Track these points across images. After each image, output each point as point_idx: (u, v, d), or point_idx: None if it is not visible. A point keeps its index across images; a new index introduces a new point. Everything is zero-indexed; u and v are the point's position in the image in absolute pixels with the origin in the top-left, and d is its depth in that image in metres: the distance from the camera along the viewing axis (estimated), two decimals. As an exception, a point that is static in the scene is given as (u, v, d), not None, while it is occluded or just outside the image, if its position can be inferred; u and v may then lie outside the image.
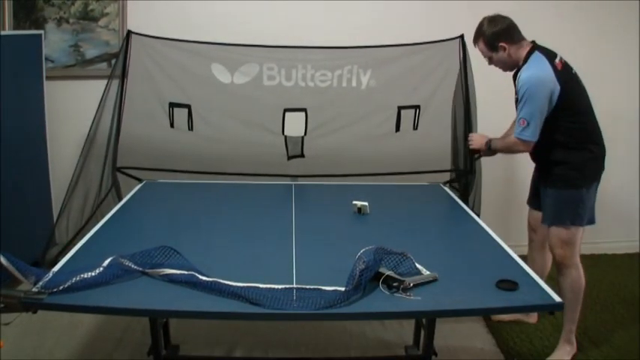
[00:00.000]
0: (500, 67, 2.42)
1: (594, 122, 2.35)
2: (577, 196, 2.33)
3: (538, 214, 2.57)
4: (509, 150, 2.45)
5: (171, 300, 1.52)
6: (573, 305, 2.41)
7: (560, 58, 2.30)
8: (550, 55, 2.29)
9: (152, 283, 1.61)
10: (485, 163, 2.88)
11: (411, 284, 1.59)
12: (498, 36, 2.31)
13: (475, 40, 2.41)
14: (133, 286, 1.59)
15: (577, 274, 2.40)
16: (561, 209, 2.34)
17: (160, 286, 1.59)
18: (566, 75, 2.26)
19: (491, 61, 2.40)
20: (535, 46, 2.33)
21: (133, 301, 1.50)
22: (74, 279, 1.51)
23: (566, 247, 2.36)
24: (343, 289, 1.53)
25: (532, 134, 2.26)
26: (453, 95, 2.97)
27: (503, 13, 2.31)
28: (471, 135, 2.67)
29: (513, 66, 2.36)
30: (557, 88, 2.21)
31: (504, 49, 2.31)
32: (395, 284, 1.58)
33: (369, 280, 1.57)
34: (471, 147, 2.65)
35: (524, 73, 2.25)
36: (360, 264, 1.57)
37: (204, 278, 1.58)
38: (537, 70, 2.23)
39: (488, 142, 2.53)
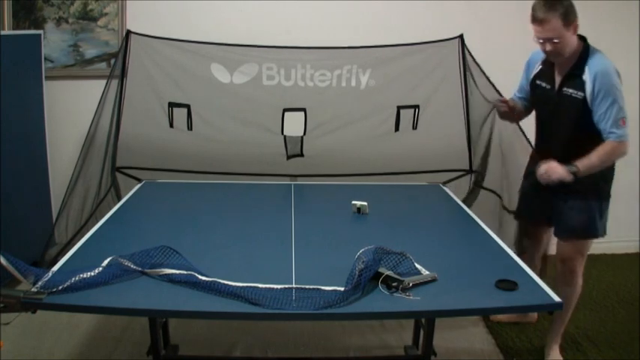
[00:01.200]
0: (559, 54, 2.09)
1: None
2: (605, 207, 2.26)
3: (543, 228, 2.50)
4: (609, 161, 2.15)
5: (171, 300, 1.52)
6: (571, 311, 2.40)
7: None
8: None
9: (152, 283, 1.61)
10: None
11: (411, 284, 1.59)
12: (574, 12, 2.02)
13: (547, 14, 1.99)
14: (132, 286, 1.59)
15: (580, 282, 2.35)
16: (592, 221, 2.23)
17: (159, 286, 1.59)
18: None
19: (555, 45, 2.04)
20: (586, 41, 2.14)
21: (132, 301, 1.50)
22: (73, 279, 1.51)
23: (580, 257, 2.29)
24: (342, 289, 1.53)
25: (629, 131, 2.08)
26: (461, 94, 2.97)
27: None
28: (546, 167, 2.13)
29: (568, 55, 2.10)
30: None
31: (575, 28, 2.05)
32: (394, 284, 1.57)
33: (368, 279, 1.57)
34: (551, 179, 2.12)
35: (600, 65, 2.05)
36: (360, 264, 1.57)
37: (203, 278, 1.58)
38: (610, 63, 2.08)
39: (575, 171, 2.09)
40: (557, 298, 1.55)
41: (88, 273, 1.55)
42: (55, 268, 1.66)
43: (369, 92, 3.01)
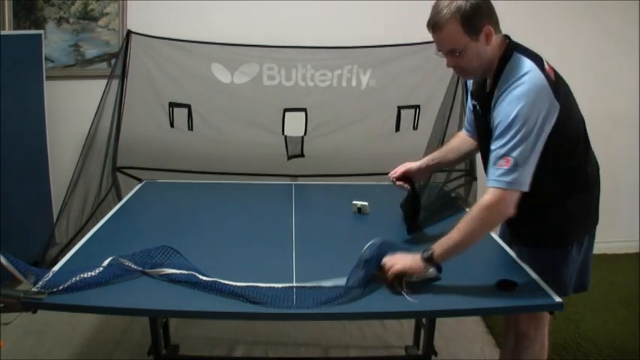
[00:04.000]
0: (470, 70, 1.58)
1: (589, 146, 1.69)
2: (561, 259, 1.72)
3: None
4: (478, 232, 1.53)
5: (172, 300, 1.52)
6: None
7: (548, 63, 1.56)
8: (536, 58, 1.54)
9: (152, 283, 1.61)
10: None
11: (415, 278, 1.59)
12: (482, 13, 1.49)
13: (439, 17, 1.49)
14: (133, 286, 1.59)
15: (540, 349, 1.86)
16: (539, 275, 1.68)
17: (160, 286, 1.59)
18: (561, 87, 1.54)
19: (457, 59, 1.55)
20: (511, 44, 1.58)
21: (133, 301, 1.50)
22: (74, 279, 1.51)
23: (532, 320, 1.82)
24: (344, 282, 1.53)
25: (523, 180, 1.47)
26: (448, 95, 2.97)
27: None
28: (389, 263, 1.59)
29: (486, 70, 1.58)
30: (556, 108, 1.49)
31: (488, 36, 1.51)
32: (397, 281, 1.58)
33: (371, 274, 1.57)
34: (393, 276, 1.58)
35: (508, 89, 1.50)
36: (364, 257, 1.57)
37: (204, 278, 1.58)
38: (527, 81, 1.47)
39: (428, 257, 1.56)
40: (557, 299, 1.55)
41: (89, 273, 1.55)
42: (56, 268, 1.66)
43: (370, 92, 3.01)
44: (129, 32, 2.90)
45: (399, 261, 1.58)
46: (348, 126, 3.04)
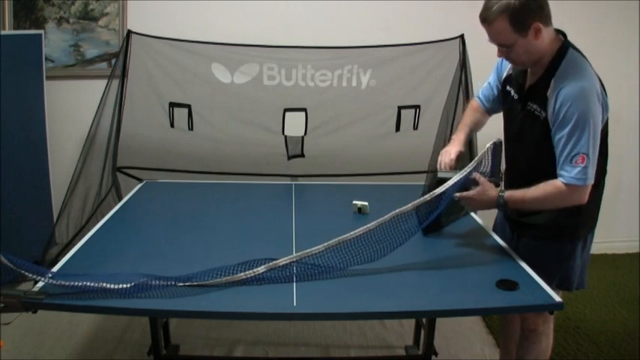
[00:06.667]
0: (518, 62, 1.68)
1: (607, 142, 1.73)
2: (570, 252, 1.80)
3: None
4: (550, 206, 1.68)
5: (171, 300, 1.51)
6: None
7: None
8: (584, 56, 1.66)
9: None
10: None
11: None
12: (531, 10, 1.54)
13: (489, 13, 1.57)
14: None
15: (547, 344, 1.93)
16: (547, 268, 1.74)
17: (159, 287, 1.58)
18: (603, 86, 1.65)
19: (507, 52, 1.64)
20: (566, 41, 1.67)
21: (133, 301, 1.50)
22: (93, 284, 1.48)
23: (539, 314, 1.84)
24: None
25: (592, 174, 1.61)
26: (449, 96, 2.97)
27: None
28: (469, 195, 1.76)
29: (536, 62, 1.65)
30: (606, 104, 1.63)
31: (537, 31, 1.57)
32: None
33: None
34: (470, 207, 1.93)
35: (571, 82, 1.56)
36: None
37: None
38: (588, 80, 1.57)
39: (500, 198, 1.71)
40: (557, 298, 1.55)
41: (110, 285, 1.48)
42: (56, 268, 1.66)
43: (370, 92, 3.01)
44: (129, 32, 2.90)
45: (473, 203, 1.77)
46: (348, 126, 3.04)
